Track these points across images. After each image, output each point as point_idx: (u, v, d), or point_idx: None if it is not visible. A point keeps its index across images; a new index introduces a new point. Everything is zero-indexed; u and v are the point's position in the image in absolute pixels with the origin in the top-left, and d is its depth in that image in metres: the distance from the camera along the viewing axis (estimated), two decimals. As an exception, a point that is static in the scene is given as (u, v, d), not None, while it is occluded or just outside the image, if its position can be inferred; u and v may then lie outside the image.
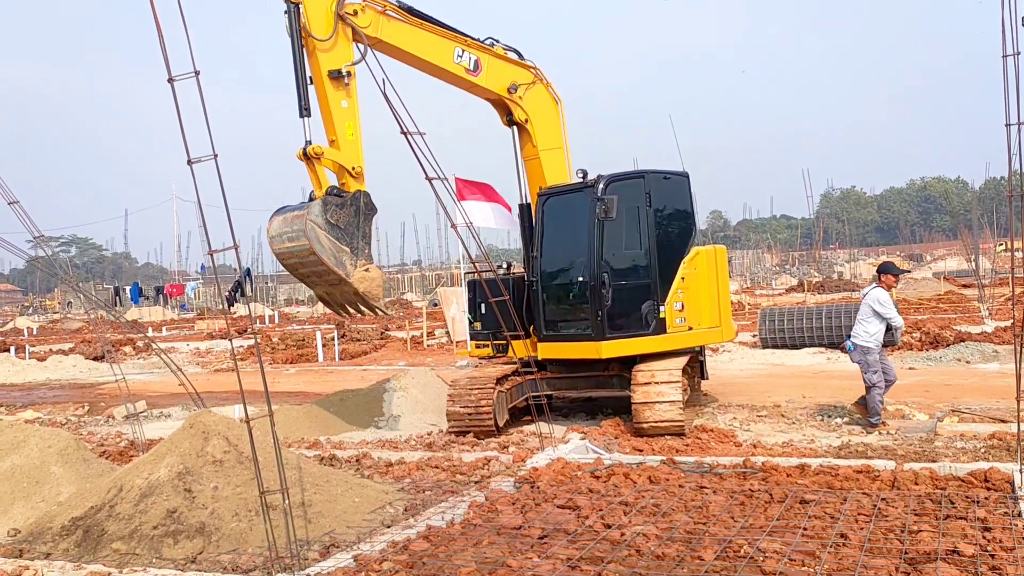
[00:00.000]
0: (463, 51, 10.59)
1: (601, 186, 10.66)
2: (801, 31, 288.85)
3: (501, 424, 10.64)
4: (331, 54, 9.52)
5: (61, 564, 5.74)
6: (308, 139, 9.48)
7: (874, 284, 10.64)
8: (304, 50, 9.46)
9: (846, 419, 10.67)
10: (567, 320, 11.24)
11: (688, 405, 10.70)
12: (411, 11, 10.30)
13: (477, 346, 12.02)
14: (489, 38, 10.92)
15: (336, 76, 9.49)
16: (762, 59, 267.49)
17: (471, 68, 10.65)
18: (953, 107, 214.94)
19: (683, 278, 11.01)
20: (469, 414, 10.40)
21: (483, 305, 11.44)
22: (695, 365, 11.82)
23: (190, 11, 4.97)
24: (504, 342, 11.28)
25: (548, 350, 11.19)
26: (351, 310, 10.35)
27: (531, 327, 11.31)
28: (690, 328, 11.10)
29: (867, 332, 10.13)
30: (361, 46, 9.68)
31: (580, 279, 10.89)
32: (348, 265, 9.48)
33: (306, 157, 9.48)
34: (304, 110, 9.45)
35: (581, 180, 11.06)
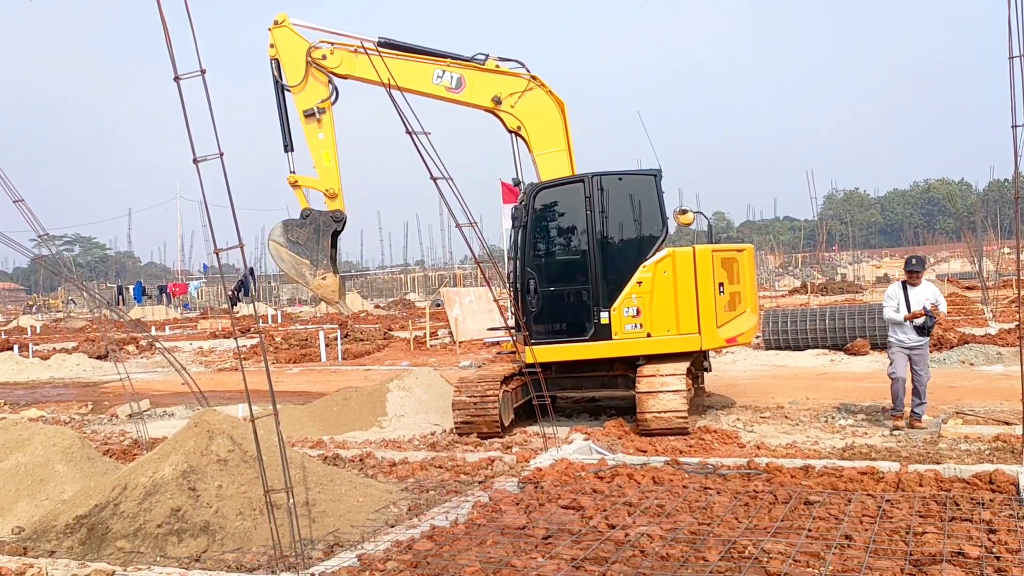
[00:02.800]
0: (444, 71, 11.19)
1: (523, 194, 11.14)
2: (804, 32, 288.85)
3: (507, 423, 10.69)
4: (303, 96, 10.99)
5: (65, 562, 5.75)
6: (292, 169, 11.12)
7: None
8: (284, 93, 11.08)
9: (850, 421, 10.66)
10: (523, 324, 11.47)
11: (691, 405, 10.71)
12: (389, 44, 11.12)
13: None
14: (479, 53, 11.31)
15: (310, 114, 10.96)
16: (766, 59, 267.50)
17: (453, 86, 11.22)
18: (957, 109, 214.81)
19: (640, 282, 10.73)
20: (475, 413, 10.45)
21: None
22: (699, 366, 11.80)
23: (196, 9, 4.98)
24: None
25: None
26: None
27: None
28: (649, 335, 10.71)
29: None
30: (333, 84, 11.04)
31: (517, 285, 11.24)
32: (307, 275, 11.14)
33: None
34: (287, 146, 11.10)
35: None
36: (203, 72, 4.91)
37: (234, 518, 6.15)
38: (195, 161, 5.03)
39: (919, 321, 9.94)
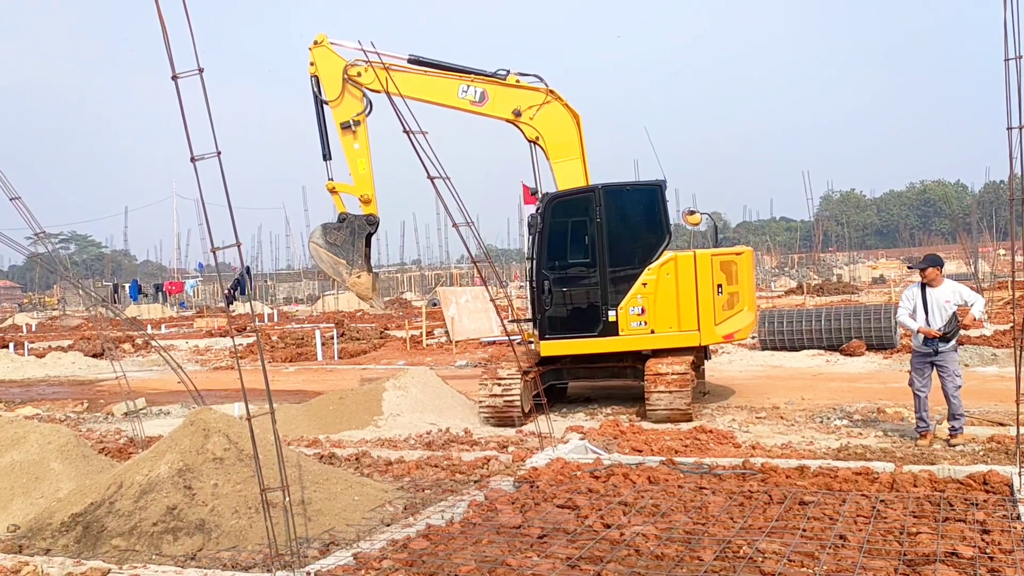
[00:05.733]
0: (468, 86, 12.10)
1: (539, 203, 12.13)
2: (802, 32, 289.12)
3: (527, 411, 11.47)
4: (340, 109, 11.93)
5: (61, 560, 5.74)
6: (330, 176, 12.17)
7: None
8: (323, 107, 12.06)
9: (845, 421, 10.68)
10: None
11: (694, 395, 11.64)
12: (418, 61, 12.07)
13: None
14: (500, 69, 12.22)
15: (347, 126, 11.90)
16: (763, 60, 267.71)
17: (476, 100, 12.11)
18: (953, 110, 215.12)
19: (645, 284, 11.68)
20: (499, 403, 11.29)
21: None
22: (701, 359, 12.82)
23: (194, 8, 4.97)
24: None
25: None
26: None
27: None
28: (652, 331, 11.68)
29: None
30: (367, 99, 11.94)
31: (533, 285, 12.28)
32: (344, 273, 12.15)
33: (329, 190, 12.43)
34: (325, 155, 12.09)
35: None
36: (201, 71, 4.91)
37: (230, 516, 6.15)
38: (193, 160, 5.03)
39: (933, 345, 8.98)
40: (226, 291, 33.58)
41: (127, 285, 60.95)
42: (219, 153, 5.02)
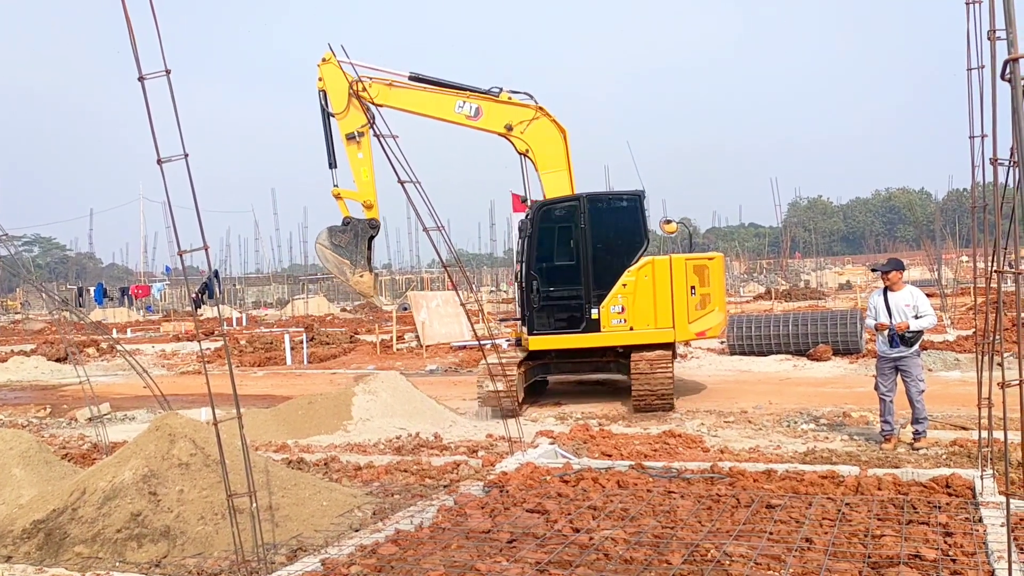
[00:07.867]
0: (464, 102, 13.05)
1: (529, 210, 13.16)
2: (768, 42, 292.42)
3: (520, 400, 12.36)
4: (346, 121, 12.78)
5: (22, 567, 5.65)
6: (335, 183, 13.02)
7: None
8: (330, 119, 12.89)
9: (812, 425, 10.79)
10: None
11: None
12: (418, 78, 13.01)
13: None
14: (494, 87, 13.13)
15: (351, 137, 12.75)
16: (730, 68, 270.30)
17: (472, 115, 13.05)
18: (918, 119, 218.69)
19: (625, 284, 12.72)
20: (499, 394, 12.00)
21: None
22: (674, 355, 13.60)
23: (162, 7, 4.92)
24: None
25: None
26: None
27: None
28: (631, 328, 12.71)
29: None
30: (371, 112, 12.28)
31: (522, 285, 13.33)
32: (348, 273, 12.97)
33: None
34: (331, 164, 12.91)
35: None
36: (168, 72, 4.86)
37: (195, 523, 6.08)
38: (159, 162, 4.98)
39: (888, 333, 9.18)
40: (194, 295, 33.24)
41: (92, 288, 59.97)
42: (186, 155, 4.97)
